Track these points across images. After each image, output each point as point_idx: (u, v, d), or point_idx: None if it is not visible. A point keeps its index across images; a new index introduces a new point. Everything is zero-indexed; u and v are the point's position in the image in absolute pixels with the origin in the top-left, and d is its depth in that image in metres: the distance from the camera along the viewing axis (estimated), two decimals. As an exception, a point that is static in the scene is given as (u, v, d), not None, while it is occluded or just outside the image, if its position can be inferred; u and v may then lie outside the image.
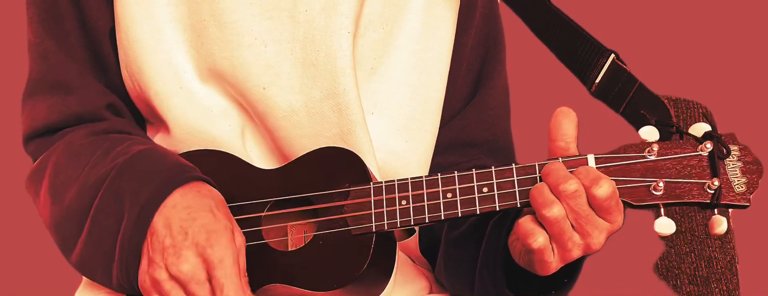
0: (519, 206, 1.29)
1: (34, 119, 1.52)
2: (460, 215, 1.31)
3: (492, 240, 1.39)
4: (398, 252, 1.41)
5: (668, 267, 1.52)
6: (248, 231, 1.39)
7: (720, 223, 1.25)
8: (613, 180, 1.24)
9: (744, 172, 1.26)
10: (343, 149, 1.39)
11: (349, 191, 1.36)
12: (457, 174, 1.32)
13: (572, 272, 1.34)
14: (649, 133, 1.28)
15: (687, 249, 1.52)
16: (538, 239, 1.25)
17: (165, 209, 1.32)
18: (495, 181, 1.30)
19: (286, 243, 1.41)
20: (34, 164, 1.51)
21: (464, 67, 1.57)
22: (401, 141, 1.51)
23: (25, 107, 1.54)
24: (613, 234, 1.27)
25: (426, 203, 1.33)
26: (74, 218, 1.39)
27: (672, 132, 1.29)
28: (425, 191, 1.33)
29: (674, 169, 1.26)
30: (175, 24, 1.48)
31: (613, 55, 1.41)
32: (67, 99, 1.50)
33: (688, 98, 1.43)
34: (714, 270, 1.51)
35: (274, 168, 1.43)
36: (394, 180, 1.34)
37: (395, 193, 1.34)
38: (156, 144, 1.47)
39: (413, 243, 1.55)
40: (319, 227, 1.36)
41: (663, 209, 1.26)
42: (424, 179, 1.33)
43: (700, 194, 1.26)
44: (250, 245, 1.37)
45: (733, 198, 1.25)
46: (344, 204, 1.36)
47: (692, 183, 1.26)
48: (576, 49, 1.43)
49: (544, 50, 1.47)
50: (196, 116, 1.48)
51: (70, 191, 1.40)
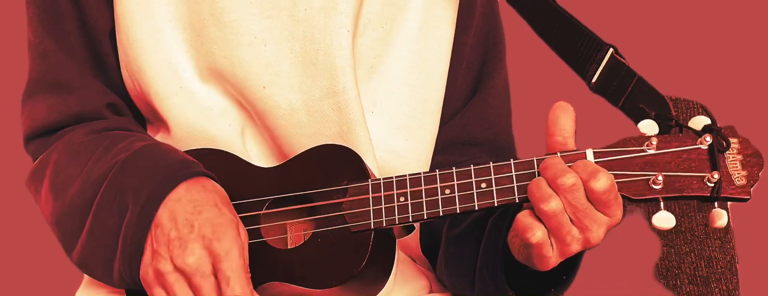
0: (517, 201, 1.28)
1: (34, 119, 1.52)
2: (459, 211, 1.31)
3: (492, 238, 1.38)
4: (398, 250, 1.40)
5: (668, 267, 1.52)
6: (247, 229, 1.37)
7: (720, 216, 1.25)
8: (613, 174, 1.24)
9: (744, 165, 1.25)
10: (341, 146, 1.39)
11: (348, 188, 1.36)
12: (455, 170, 1.32)
13: (571, 268, 1.33)
14: (648, 126, 1.28)
15: (687, 249, 1.51)
16: (537, 233, 1.24)
17: (170, 202, 1.32)
18: (493, 176, 1.30)
19: (285, 240, 1.40)
20: (34, 164, 1.51)
21: (464, 66, 1.57)
22: (401, 140, 1.51)
23: (25, 107, 1.54)
24: (612, 228, 1.26)
25: (424, 199, 1.32)
26: (76, 213, 1.38)
27: (671, 125, 1.28)
28: (423, 187, 1.32)
29: (673, 162, 1.26)
30: (174, 23, 1.48)
31: (611, 50, 1.41)
32: (67, 99, 1.50)
33: (688, 97, 1.43)
34: (714, 269, 1.50)
35: (273, 166, 1.43)
36: (392, 177, 1.34)
37: (393, 190, 1.33)
38: (157, 140, 1.47)
39: (414, 242, 1.55)
40: (318, 224, 1.36)
41: (662, 204, 1.26)
42: (422, 175, 1.33)
43: (700, 188, 1.25)
44: (250, 243, 1.36)
45: (733, 191, 1.25)
46: (343, 202, 1.35)
47: (692, 176, 1.25)
48: (574, 43, 1.43)
49: (542, 45, 1.46)
50: (196, 116, 1.48)
51: (71, 187, 1.40)
